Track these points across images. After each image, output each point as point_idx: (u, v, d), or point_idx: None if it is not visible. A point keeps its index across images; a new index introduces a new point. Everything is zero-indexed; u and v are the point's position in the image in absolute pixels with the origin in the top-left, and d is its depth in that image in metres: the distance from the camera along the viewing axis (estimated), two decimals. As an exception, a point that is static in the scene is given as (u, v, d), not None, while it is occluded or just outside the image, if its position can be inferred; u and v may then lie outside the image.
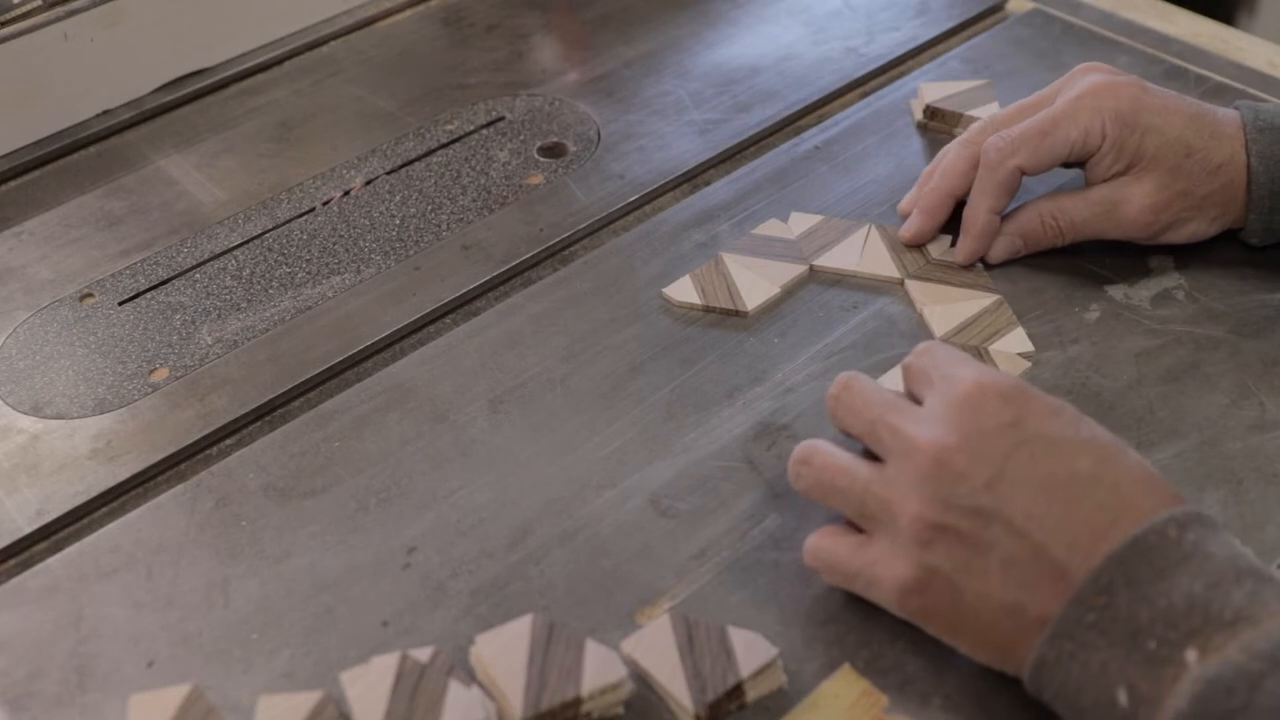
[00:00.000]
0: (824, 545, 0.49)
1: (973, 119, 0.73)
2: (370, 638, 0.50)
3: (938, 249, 0.66)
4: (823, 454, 0.49)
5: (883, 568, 0.46)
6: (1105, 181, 0.62)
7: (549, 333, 0.63)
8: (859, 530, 0.49)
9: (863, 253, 0.66)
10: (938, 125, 0.75)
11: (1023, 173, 0.62)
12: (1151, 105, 0.61)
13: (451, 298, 0.66)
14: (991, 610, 0.44)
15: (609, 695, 0.46)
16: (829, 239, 0.67)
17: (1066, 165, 0.64)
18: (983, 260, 0.65)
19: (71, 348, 0.64)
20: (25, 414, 0.61)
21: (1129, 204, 0.62)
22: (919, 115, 0.75)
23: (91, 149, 0.79)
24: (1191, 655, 0.39)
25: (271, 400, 0.61)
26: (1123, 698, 0.40)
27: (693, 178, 0.74)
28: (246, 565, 0.53)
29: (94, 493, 0.57)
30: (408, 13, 0.90)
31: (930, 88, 0.76)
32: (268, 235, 0.71)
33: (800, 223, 0.68)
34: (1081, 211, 0.63)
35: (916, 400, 0.49)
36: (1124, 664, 0.40)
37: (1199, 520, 0.43)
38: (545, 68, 0.83)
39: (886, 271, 0.65)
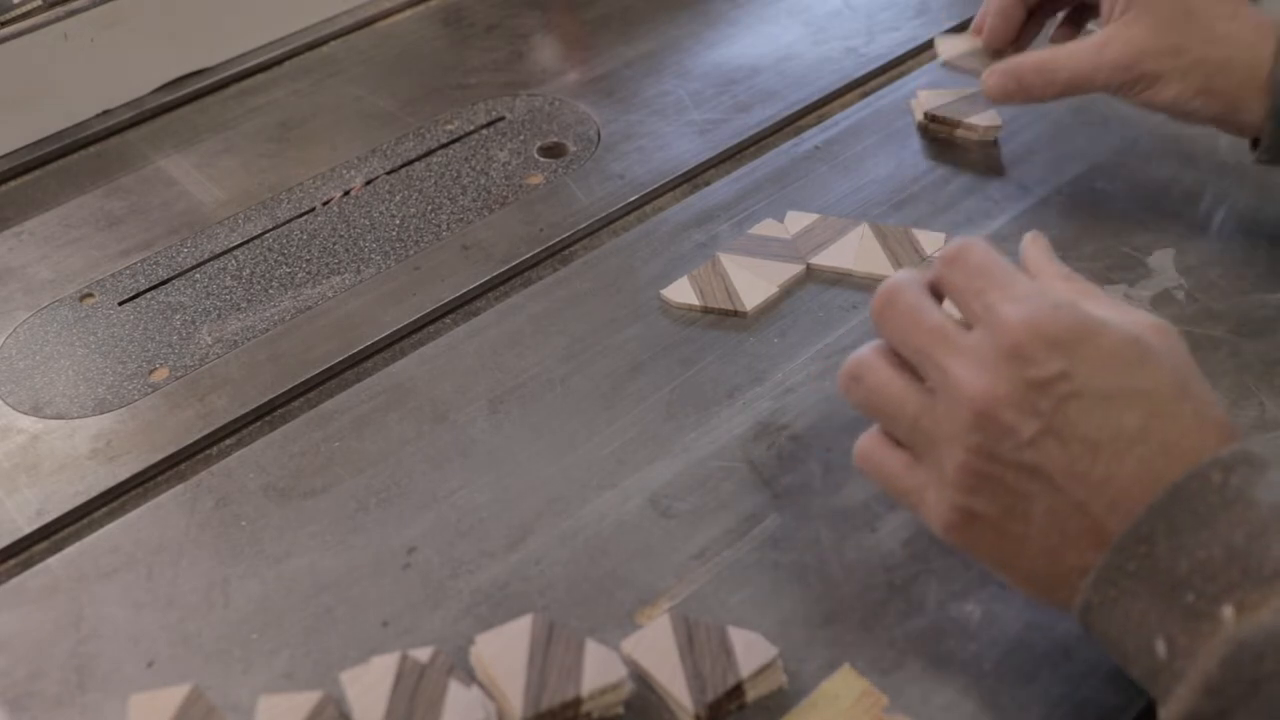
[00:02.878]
0: (876, 455, 0.48)
1: (973, 126, 0.73)
2: (370, 638, 0.50)
3: (949, 47, 0.71)
4: (874, 372, 0.47)
5: (929, 498, 0.46)
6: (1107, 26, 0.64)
7: (549, 333, 0.63)
8: None
9: (857, 252, 0.66)
10: (937, 128, 0.75)
11: None
12: None
13: (451, 298, 0.66)
14: (1033, 553, 0.44)
15: (609, 695, 0.46)
16: (825, 238, 0.67)
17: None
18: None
19: (71, 348, 0.64)
20: (25, 414, 0.61)
21: (1114, 43, 0.63)
22: (919, 116, 0.75)
23: (91, 149, 0.79)
24: (1228, 612, 0.38)
25: (271, 400, 0.61)
26: (1161, 649, 0.40)
27: (693, 178, 0.74)
28: (246, 565, 0.53)
29: (94, 493, 0.57)
30: (408, 13, 0.90)
31: (927, 95, 0.76)
32: (268, 235, 0.71)
33: (796, 222, 0.68)
34: (1075, 54, 0.64)
35: (963, 321, 0.47)
36: (1163, 615, 0.40)
37: (1245, 460, 0.41)
38: (545, 68, 0.83)
39: (882, 270, 0.65)
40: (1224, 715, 0.37)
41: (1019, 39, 0.70)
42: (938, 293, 0.48)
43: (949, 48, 0.72)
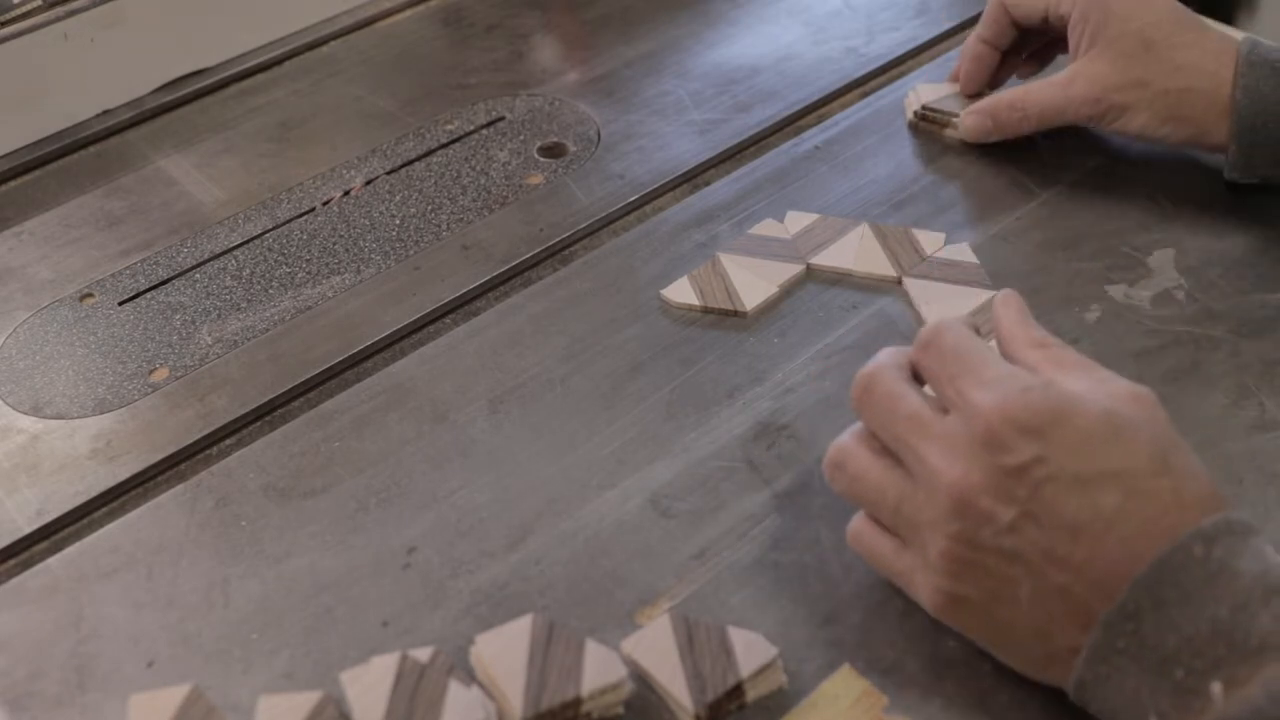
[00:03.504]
0: (866, 538, 0.49)
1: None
2: (370, 638, 0.50)
3: (929, 93, 0.75)
4: (855, 460, 0.48)
5: (918, 580, 0.46)
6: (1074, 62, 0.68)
7: (549, 333, 0.63)
8: None
9: (857, 252, 0.66)
10: (927, 126, 0.75)
11: (1009, 13, 0.71)
12: None
13: (451, 298, 0.66)
14: (1023, 635, 0.44)
15: (609, 695, 0.46)
16: (825, 238, 0.67)
17: (1045, 34, 0.72)
18: (978, 140, 0.72)
19: (71, 348, 0.64)
20: (25, 414, 0.61)
21: (1079, 79, 0.66)
22: (910, 115, 0.75)
23: (91, 149, 0.79)
24: (1216, 688, 0.39)
25: (271, 400, 0.61)
26: None
27: (693, 178, 0.74)
28: (246, 565, 0.53)
29: (94, 493, 0.57)
30: (408, 13, 0.90)
31: (926, 89, 0.76)
32: (268, 235, 0.71)
33: (796, 221, 0.68)
34: (1044, 90, 0.68)
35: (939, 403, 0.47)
36: (1154, 691, 0.40)
37: (1228, 530, 0.41)
38: (545, 68, 0.83)
39: (882, 270, 0.65)
40: None
41: (993, 82, 0.74)
42: (918, 374, 0.49)
43: (928, 93, 0.75)
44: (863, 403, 0.48)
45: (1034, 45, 0.75)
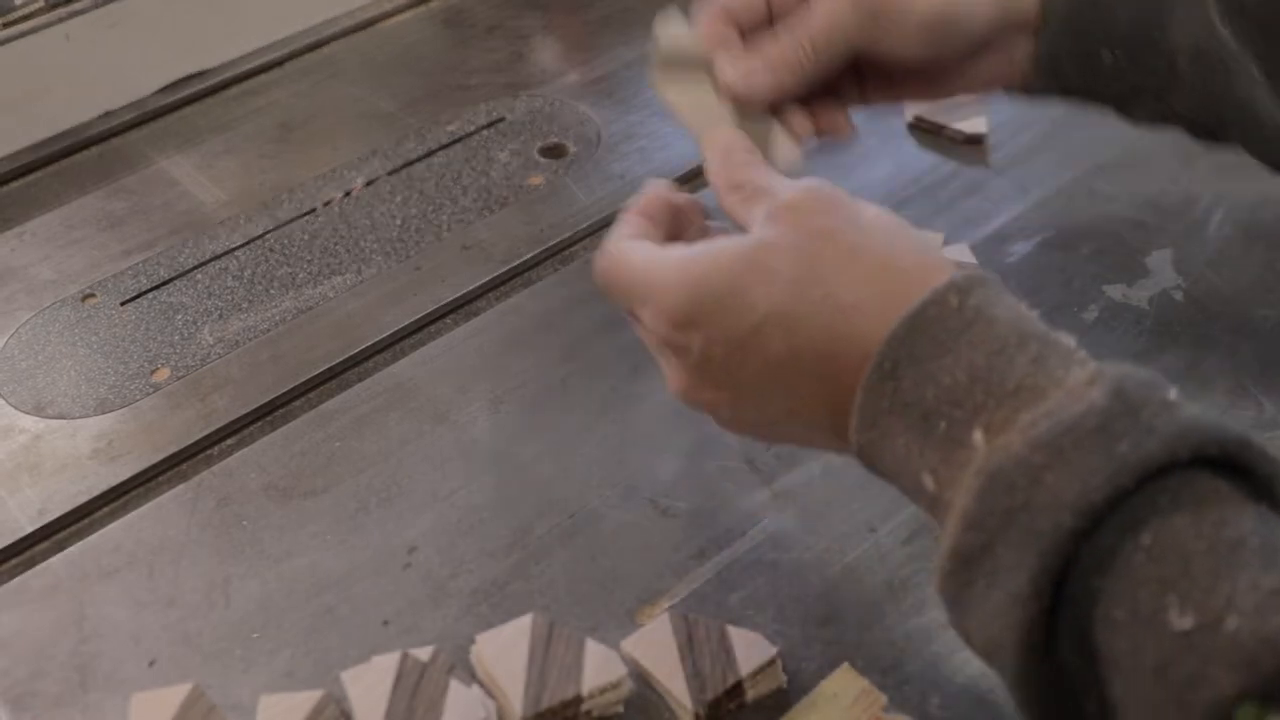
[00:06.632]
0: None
1: (958, 131, 0.73)
2: (371, 637, 0.50)
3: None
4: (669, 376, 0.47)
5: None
6: None
7: (549, 333, 0.63)
8: None
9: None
10: (922, 134, 0.75)
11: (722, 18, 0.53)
12: None
13: (452, 298, 0.66)
14: (824, 447, 0.45)
15: (609, 694, 0.46)
16: (828, 239, 0.67)
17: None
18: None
19: (73, 348, 0.64)
20: (27, 414, 0.61)
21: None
22: (909, 116, 0.76)
23: (93, 150, 0.79)
24: (978, 436, 0.37)
25: (272, 400, 0.61)
26: (929, 482, 0.38)
27: (693, 178, 0.74)
28: (247, 565, 0.53)
29: (95, 492, 0.57)
30: (409, 14, 0.90)
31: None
32: (269, 236, 0.71)
33: (800, 223, 0.68)
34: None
35: None
36: (923, 448, 0.38)
37: (982, 283, 0.40)
38: (546, 68, 0.84)
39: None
40: (986, 550, 0.35)
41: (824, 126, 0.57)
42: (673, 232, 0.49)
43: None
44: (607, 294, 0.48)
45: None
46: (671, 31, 0.53)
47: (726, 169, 0.48)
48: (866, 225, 0.43)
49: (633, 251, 0.46)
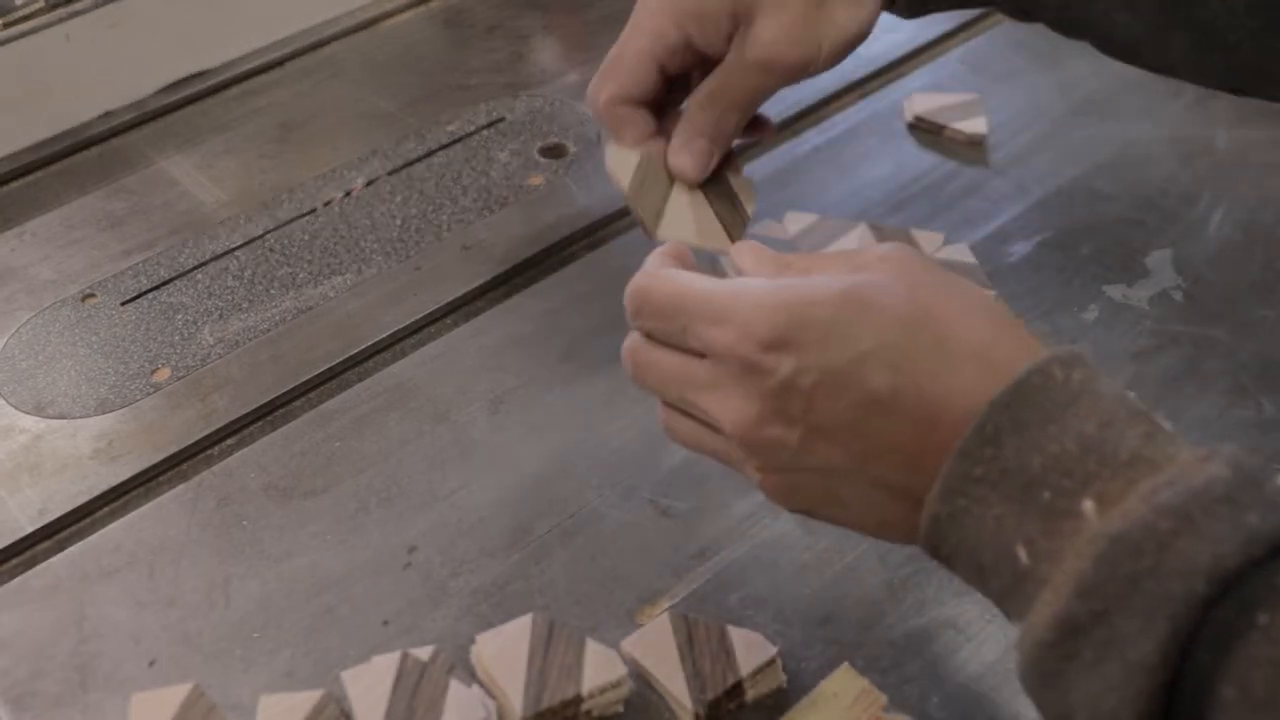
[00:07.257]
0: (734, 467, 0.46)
1: (957, 131, 0.73)
2: (371, 637, 0.50)
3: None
4: (675, 428, 0.46)
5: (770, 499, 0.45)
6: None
7: (549, 333, 0.63)
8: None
9: (861, 253, 0.66)
10: (922, 135, 0.75)
11: (621, 101, 0.56)
12: None
13: (452, 298, 0.66)
14: (867, 524, 0.43)
15: (609, 694, 0.46)
16: (824, 239, 0.67)
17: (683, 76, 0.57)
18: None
19: (74, 348, 0.64)
20: (27, 414, 0.61)
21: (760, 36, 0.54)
22: (909, 117, 0.76)
23: (93, 150, 0.79)
24: (1089, 505, 0.36)
25: (273, 400, 0.61)
26: (1022, 555, 0.37)
27: (693, 178, 0.74)
28: (247, 565, 0.53)
29: (96, 492, 0.57)
30: (409, 14, 0.90)
31: (920, 98, 0.76)
32: (269, 236, 0.71)
33: (796, 222, 0.68)
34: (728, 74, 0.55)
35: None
36: (1020, 518, 0.37)
37: (1081, 361, 0.39)
38: (546, 68, 0.84)
39: (885, 272, 0.65)
40: (1100, 617, 0.34)
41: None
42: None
43: (921, 103, 0.73)
44: (636, 377, 0.46)
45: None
46: (613, 157, 0.55)
47: (769, 260, 0.46)
48: (964, 284, 0.42)
49: (690, 275, 0.44)
